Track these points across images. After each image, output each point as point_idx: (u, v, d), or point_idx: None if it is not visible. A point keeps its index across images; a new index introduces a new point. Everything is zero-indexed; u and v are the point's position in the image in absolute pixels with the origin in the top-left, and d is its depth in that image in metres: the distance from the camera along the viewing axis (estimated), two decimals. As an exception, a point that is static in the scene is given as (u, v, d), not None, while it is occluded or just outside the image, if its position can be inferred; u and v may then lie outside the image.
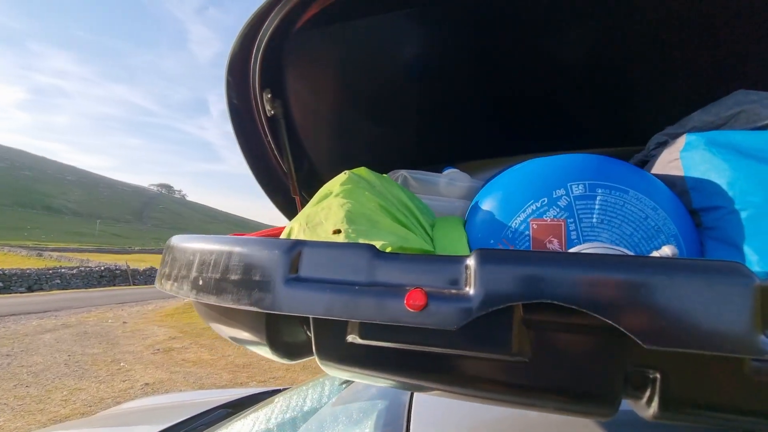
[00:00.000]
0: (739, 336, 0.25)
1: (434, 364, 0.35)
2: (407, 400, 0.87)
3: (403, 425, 0.78)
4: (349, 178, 0.50)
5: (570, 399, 0.33)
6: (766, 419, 0.30)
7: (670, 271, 0.27)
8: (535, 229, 0.43)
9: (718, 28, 0.66)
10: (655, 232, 0.41)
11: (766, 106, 0.44)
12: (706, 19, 0.65)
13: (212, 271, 0.38)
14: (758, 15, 0.62)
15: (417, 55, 0.83)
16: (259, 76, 0.74)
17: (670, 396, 0.30)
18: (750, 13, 0.62)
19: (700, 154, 0.43)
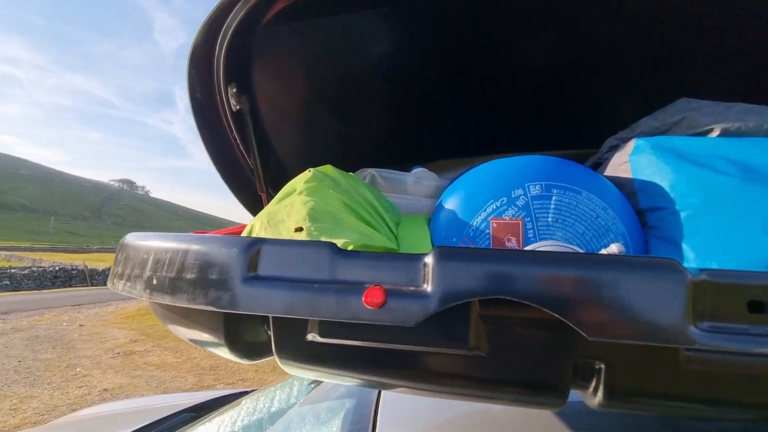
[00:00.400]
0: (672, 327, 0.27)
1: (395, 361, 0.35)
2: (374, 398, 0.88)
3: (369, 424, 0.79)
4: (313, 176, 0.50)
5: (524, 391, 0.34)
6: (698, 404, 0.32)
7: (611, 267, 0.28)
8: (495, 227, 0.44)
9: (667, 38, 0.70)
10: (605, 230, 0.43)
11: (705, 114, 0.47)
12: (657, 30, 0.69)
13: (167, 270, 0.37)
14: (704, 29, 0.67)
15: (386, 53, 0.83)
16: (224, 69, 0.72)
17: (614, 385, 0.32)
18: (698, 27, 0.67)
19: (647, 157, 0.46)
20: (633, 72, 0.80)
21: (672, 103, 0.52)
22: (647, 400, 0.33)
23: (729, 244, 0.38)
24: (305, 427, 1.01)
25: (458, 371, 0.34)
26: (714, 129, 0.46)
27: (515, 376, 0.34)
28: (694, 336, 0.27)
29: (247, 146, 0.85)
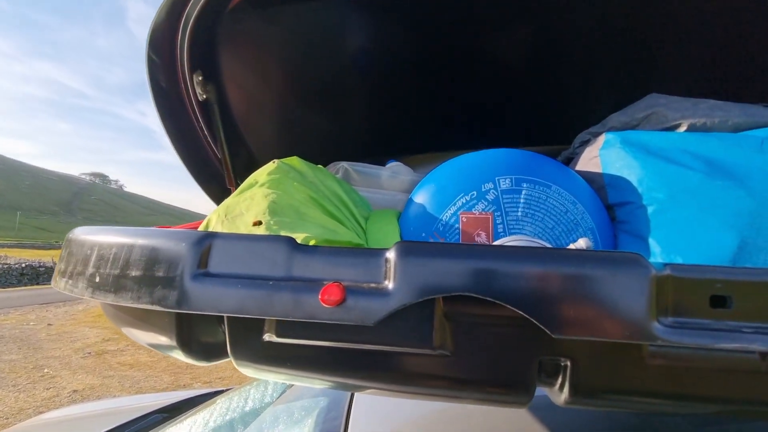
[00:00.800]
0: (636, 324, 0.27)
1: (355, 362, 0.33)
2: (348, 397, 0.87)
3: (342, 423, 0.77)
4: (277, 168, 0.48)
5: (490, 389, 0.33)
6: (662, 399, 0.32)
7: (576, 263, 0.28)
8: (465, 222, 0.43)
9: (638, 36, 0.71)
10: (574, 225, 0.42)
11: (673, 109, 0.47)
12: (630, 27, 0.70)
13: (111, 267, 0.34)
14: (673, 25, 0.68)
15: (361, 43, 0.81)
16: (188, 55, 0.68)
17: (579, 382, 0.32)
18: (665, 24, 0.68)
19: (616, 152, 0.45)
20: (606, 68, 0.80)
21: (642, 99, 0.52)
22: (612, 395, 0.32)
23: (693, 238, 0.38)
24: (279, 427, 0.99)
25: (422, 371, 0.33)
26: (681, 124, 0.46)
27: (481, 375, 0.33)
28: (657, 332, 0.27)
29: (215, 137, 0.81)
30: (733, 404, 0.31)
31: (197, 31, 0.66)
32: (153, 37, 0.64)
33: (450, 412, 0.77)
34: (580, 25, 0.72)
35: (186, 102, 0.77)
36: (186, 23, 0.63)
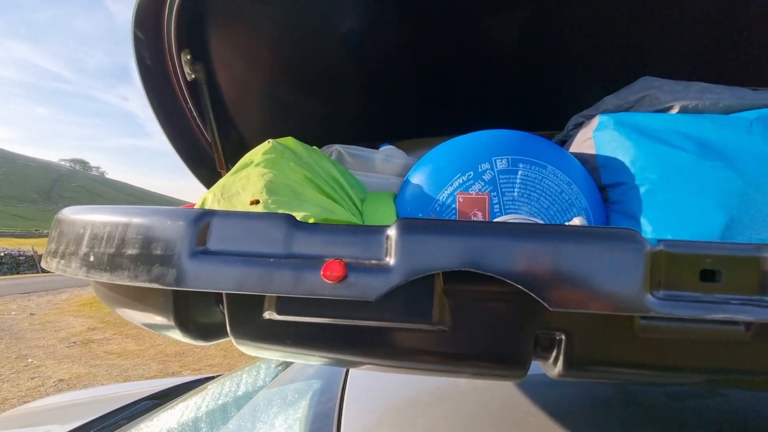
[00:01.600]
0: (631, 297, 0.28)
1: (356, 338, 0.34)
2: (342, 379, 0.88)
3: (336, 404, 0.78)
4: (273, 147, 0.47)
5: (487, 364, 0.34)
6: (652, 371, 0.33)
7: (573, 238, 0.28)
8: (461, 202, 0.43)
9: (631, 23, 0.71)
10: (569, 205, 0.43)
11: (666, 91, 0.48)
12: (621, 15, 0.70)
13: (106, 246, 0.33)
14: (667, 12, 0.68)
15: (354, 25, 0.80)
16: (175, 34, 0.66)
17: (573, 355, 0.33)
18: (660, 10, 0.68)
19: (610, 133, 0.46)
20: (598, 55, 0.81)
21: (635, 82, 0.53)
22: (604, 368, 0.33)
23: (684, 217, 0.39)
24: (272, 410, 1.00)
25: (422, 346, 0.34)
26: (674, 106, 0.47)
27: (478, 350, 0.34)
28: (650, 305, 0.28)
29: (204, 119, 0.80)
30: (719, 374, 0.32)
31: (185, 7, 0.63)
32: (138, 13, 0.62)
33: (442, 393, 0.79)
34: (572, 12, 0.72)
35: (174, 82, 0.75)
36: (173, 2, 0.61)
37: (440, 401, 0.77)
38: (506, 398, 0.71)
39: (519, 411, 0.67)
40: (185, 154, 0.82)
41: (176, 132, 0.79)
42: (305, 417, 0.82)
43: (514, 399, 0.71)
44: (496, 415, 0.68)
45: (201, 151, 0.84)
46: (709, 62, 0.74)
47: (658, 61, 0.77)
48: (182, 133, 0.80)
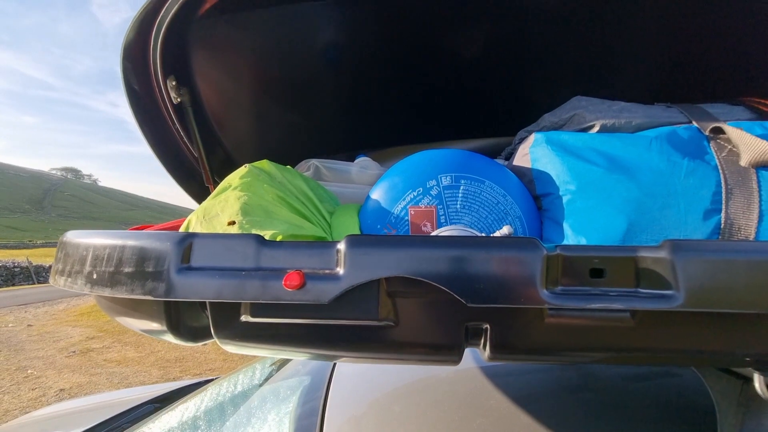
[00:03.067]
0: (531, 292, 0.35)
1: (319, 334, 0.41)
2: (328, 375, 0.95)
3: (321, 398, 0.85)
4: (249, 171, 0.54)
5: (428, 351, 0.41)
6: (560, 353, 0.40)
7: (485, 247, 0.35)
8: (413, 214, 0.50)
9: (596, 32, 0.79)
10: (504, 214, 0.50)
11: (591, 111, 0.55)
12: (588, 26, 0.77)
13: (106, 265, 0.40)
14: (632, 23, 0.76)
15: (329, 44, 0.86)
16: (160, 62, 0.73)
17: (497, 342, 0.40)
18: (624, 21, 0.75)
19: (542, 149, 0.53)
20: (564, 64, 0.88)
21: (568, 101, 0.60)
22: (523, 351, 0.40)
23: (595, 222, 0.46)
24: (266, 406, 1.07)
25: (373, 339, 0.41)
26: (595, 125, 0.54)
27: (420, 340, 0.41)
28: (547, 298, 0.35)
29: (191, 138, 0.86)
30: (614, 353, 0.40)
31: (168, 38, 0.70)
32: (126, 45, 0.68)
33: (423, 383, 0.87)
34: (540, 23, 0.78)
35: (161, 105, 0.81)
36: (158, 31, 0.68)
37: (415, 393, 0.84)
38: (477, 389, 0.79)
39: (490, 399, 0.74)
40: (174, 171, 0.89)
41: (165, 151, 0.86)
42: (294, 411, 0.89)
43: (485, 389, 0.78)
44: (467, 405, 0.75)
45: (189, 167, 0.90)
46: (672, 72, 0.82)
47: (623, 71, 0.85)
48: (171, 151, 0.87)
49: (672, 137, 0.48)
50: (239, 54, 0.86)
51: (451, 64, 0.91)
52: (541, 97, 0.98)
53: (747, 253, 0.34)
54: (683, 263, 0.34)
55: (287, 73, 0.92)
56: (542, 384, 0.84)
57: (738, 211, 0.43)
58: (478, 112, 1.02)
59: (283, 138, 1.02)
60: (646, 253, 0.36)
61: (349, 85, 0.96)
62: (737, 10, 0.69)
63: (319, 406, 0.83)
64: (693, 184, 0.45)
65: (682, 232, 0.43)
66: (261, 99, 0.96)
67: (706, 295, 0.34)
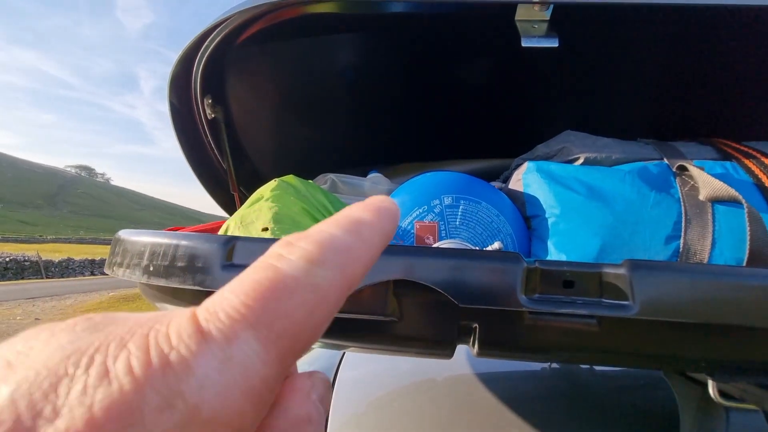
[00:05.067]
0: (510, 296, 0.42)
1: (335, 325, 0.48)
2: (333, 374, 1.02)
3: None
4: (278, 185, 0.62)
5: (425, 345, 0.49)
6: (538, 352, 0.48)
7: (475, 258, 0.43)
8: (418, 228, 0.59)
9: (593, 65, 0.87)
10: (497, 232, 0.58)
11: (577, 145, 0.63)
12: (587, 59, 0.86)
13: (162, 260, 0.48)
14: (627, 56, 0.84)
15: (348, 68, 0.96)
16: (200, 85, 0.83)
17: (484, 340, 0.47)
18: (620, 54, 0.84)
19: (533, 177, 0.61)
20: (567, 91, 0.97)
21: (559, 134, 0.68)
22: (506, 348, 0.48)
23: (574, 242, 0.53)
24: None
25: (378, 331, 0.48)
26: (580, 158, 0.62)
27: (419, 334, 0.48)
28: (524, 302, 0.42)
29: (221, 150, 0.96)
30: (584, 353, 0.47)
31: (208, 65, 0.80)
32: (175, 70, 0.78)
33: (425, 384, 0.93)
34: (541, 58, 0.87)
35: (197, 121, 0.91)
36: (199, 62, 0.78)
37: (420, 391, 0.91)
38: (478, 391, 0.85)
39: (490, 401, 0.81)
40: (204, 179, 0.98)
41: (198, 161, 0.95)
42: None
43: (484, 391, 0.85)
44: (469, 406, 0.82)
45: (217, 177, 1.00)
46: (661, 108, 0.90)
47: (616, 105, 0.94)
48: (202, 162, 0.96)
49: (643, 172, 0.56)
50: (267, 77, 0.96)
51: (458, 91, 1.00)
52: (538, 125, 1.07)
53: (691, 273, 0.41)
54: (638, 279, 0.42)
55: (308, 95, 1.02)
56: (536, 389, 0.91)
57: (695, 238, 0.50)
58: (481, 135, 1.11)
59: (303, 153, 1.11)
60: (609, 270, 0.43)
61: (364, 107, 1.06)
62: (724, 59, 0.78)
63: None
64: (658, 214, 0.52)
65: (647, 254, 0.51)
66: (284, 117, 1.06)
67: (656, 306, 0.41)
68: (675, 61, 0.84)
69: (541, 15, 0.64)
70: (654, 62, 0.84)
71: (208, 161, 0.97)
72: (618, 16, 0.72)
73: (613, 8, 0.66)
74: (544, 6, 0.62)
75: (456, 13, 0.79)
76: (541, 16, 0.64)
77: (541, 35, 0.66)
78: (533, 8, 0.63)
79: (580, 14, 0.69)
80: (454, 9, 0.76)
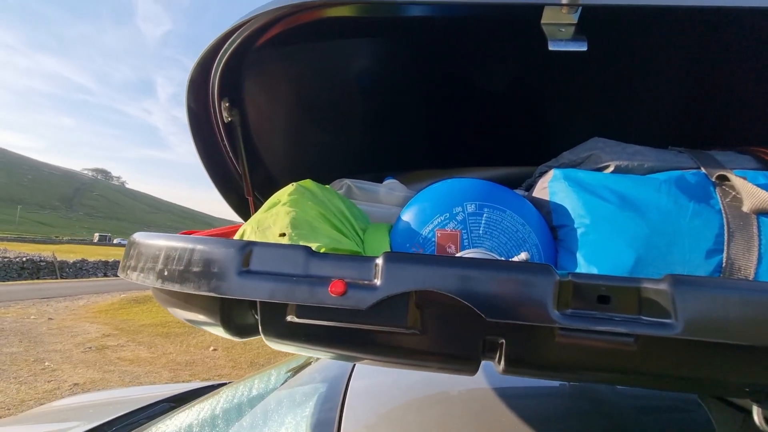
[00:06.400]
0: (542, 311, 0.39)
1: (353, 337, 0.46)
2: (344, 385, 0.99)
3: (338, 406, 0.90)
4: (295, 189, 0.61)
5: (448, 360, 0.46)
6: (569, 371, 0.45)
7: (505, 269, 0.41)
8: (439, 237, 0.56)
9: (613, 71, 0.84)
10: (522, 241, 0.55)
11: (606, 152, 0.60)
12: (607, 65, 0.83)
13: (177, 264, 0.47)
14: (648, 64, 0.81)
15: (366, 73, 0.95)
16: (218, 88, 0.82)
17: (510, 356, 0.44)
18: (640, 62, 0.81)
19: (559, 184, 0.58)
20: (585, 99, 0.94)
21: (586, 141, 0.66)
22: (534, 367, 0.45)
23: (606, 254, 0.51)
24: (282, 410, 1.12)
25: (399, 345, 0.46)
26: (610, 165, 0.59)
27: (441, 349, 0.46)
28: (557, 318, 0.39)
29: (237, 154, 0.95)
30: (618, 374, 0.44)
31: (226, 68, 0.79)
32: (193, 73, 0.78)
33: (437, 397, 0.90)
34: (562, 64, 0.85)
35: (214, 124, 0.90)
36: (218, 66, 0.77)
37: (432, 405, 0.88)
38: (496, 404, 0.82)
39: (503, 416, 0.77)
40: (219, 182, 0.98)
41: (213, 164, 0.95)
42: (311, 416, 0.94)
43: (498, 405, 0.81)
44: (482, 419, 0.78)
45: (232, 180, 0.99)
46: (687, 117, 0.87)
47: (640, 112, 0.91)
48: (218, 165, 0.96)
49: (680, 181, 0.53)
50: (283, 81, 0.96)
51: (476, 97, 0.98)
52: (558, 132, 1.04)
53: (740, 291, 0.38)
54: (682, 295, 0.39)
55: (324, 99, 1.01)
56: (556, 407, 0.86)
57: (738, 253, 0.47)
58: (498, 142, 1.09)
59: (317, 157, 1.10)
60: (648, 284, 0.40)
61: (380, 112, 1.04)
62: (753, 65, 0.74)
63: (336, 414, 0.87)
64: (698, 225, 0.49)
65: (686, 268, 0.48)
66: (299, 121, 1.05)
67: (702, 326, 0.38)
68: (705, 67, 0.80)
69: (568, 18, 0.62)
70: (683, 68, 0.81)
71: (223, 165, 0.96)
72: (647, 19, 0.70)
73: (642, 10, 0.64)
74: (572, 8, 0.60)
75: (476, 16, 0.77)
76: (569, 19, 0.62)
77: (569, 39, 0.63)
78: (561, 11, 0.61)
79: (609, 17, 0.67)
80: (475, 12, 0.74)
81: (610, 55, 0.81)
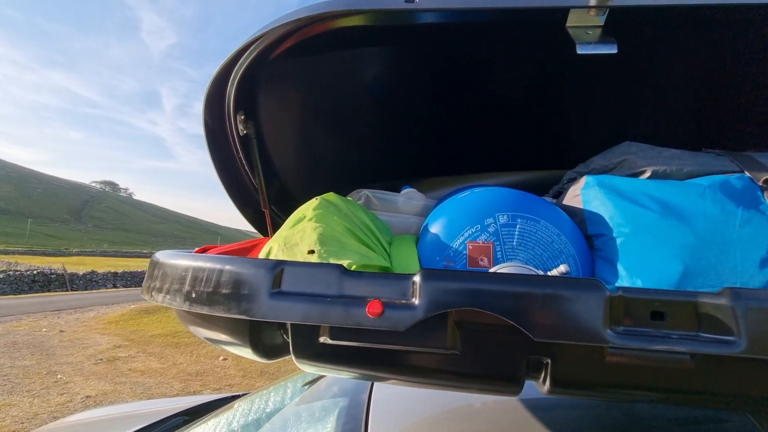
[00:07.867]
0: (594, 330, 0.37)
1: (390, 359, 0.44)
2: (366, 397, 0.97)
3: (362, 421, 0.87)
4: (320, 204, 0.59)
5: (490, 382, 0.44)
6: (619, 390, 0.42)
7: (551, 285, 0.38)
8: (471, 249, 0.54)
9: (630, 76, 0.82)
10: (558, 253, 0.53)
11: (641, 157, 0.58)
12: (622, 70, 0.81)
13: (205, 286, 0.45)
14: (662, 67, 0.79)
15: (381, 83, 0.94)
16: (233, 102, 0.81)
17: (557, 376, 0.42)
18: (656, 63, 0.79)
19: (594, 192, 0.56)
20: (601, 103, 0.92)
21: (618, 145, 0.63)
22: (582, 387, 0.43)
23: (650, 265, 0.48)
24: (301, 425, 1.09)
25: (438, 367, 0.44)
26: (646, 170, 0.57)
27: (482, 370, 0.43)
28: (609, 337, 0.37)
29: (252, 167, 0.94)
30: (673, 394, 0.41)
31: (242, 81, 0.78)
32: (210, 87, 0.77)
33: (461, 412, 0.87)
34: (578, 63, 0.83)
35: (230, 137, 0.89)
36: (234, 78, 0.76)
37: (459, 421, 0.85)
38: (518, 421, 0.79)
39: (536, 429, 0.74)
40: (235, 195, 0.96)
41: (229, 178, 0.94)
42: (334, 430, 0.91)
43: (524, 422, 0.79)
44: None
45: (248, 194, 0.98)
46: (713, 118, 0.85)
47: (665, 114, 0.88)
48: (234, 178, 0.95)
49: (725, 186, 0.50)
50: (297, 92, 0.95)
51: (492, 102, 0.96)
52: (579, 136, 1.02)
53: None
54: (745, 310, 0.36)
55: (338, 109, 0.99)
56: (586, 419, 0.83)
57: (795, 261, 0.44)
58: (514, 147, 1.07)
59: (332, 168, 1.08)
60: (705, 299, 0.38)
61: (395, 121, 1.03)
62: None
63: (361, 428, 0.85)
64: (749, 233, 0.47)
65: (739, 279, 0.45)
66: (313, 132, 1.03)
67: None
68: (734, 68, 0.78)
69: (595, 20, 0.60)
70: (712, 69, 0.79)
71: (240, 178, 0.95)
72: (675, 19, 0.67)
73: (671, 10, 0.62)
74: (601, 10, 0.58)
75: (494, 22, 0.75)
76: (596, 22, 0.60)
77: (596, 41, 0.62)
78: (588, 13, 0.59)
79: (637, 18, 0.65)
80: (495, 17, 0.73)
81: (632, 57, 0.79)
